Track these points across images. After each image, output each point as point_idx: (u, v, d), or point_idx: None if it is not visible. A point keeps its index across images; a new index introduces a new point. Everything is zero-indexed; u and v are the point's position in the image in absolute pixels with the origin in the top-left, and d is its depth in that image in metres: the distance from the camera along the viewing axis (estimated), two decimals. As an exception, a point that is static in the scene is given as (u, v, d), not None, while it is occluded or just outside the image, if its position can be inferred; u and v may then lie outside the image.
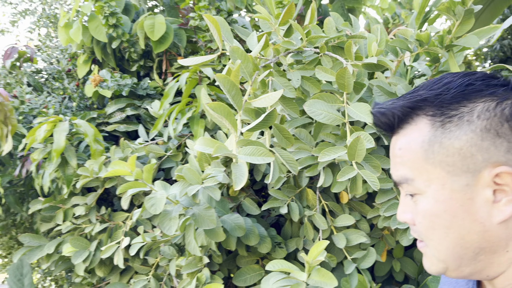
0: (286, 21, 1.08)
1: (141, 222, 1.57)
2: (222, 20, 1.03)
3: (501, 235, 0.50)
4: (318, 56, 1.09)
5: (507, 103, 0.50)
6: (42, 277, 2.67)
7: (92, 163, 1.43)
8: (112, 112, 1.96)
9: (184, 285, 1.29)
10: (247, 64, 0.97)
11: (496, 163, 0.49)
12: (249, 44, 1.12)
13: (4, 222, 2.19)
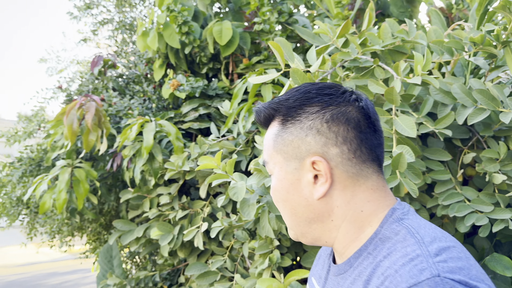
0: (343, 35, 1.19)
1: (216, 209, 1.77)
2: (283, 41, 1.17)
3: (322, 209, 0.66)
4: (372, 67, 1.19)
5: (329, 108, 0.65)
6: (127, 259, 2.99)
7: (176, 158, 1.64)
8: (187, 112, 2.18)
9: (257, 265, 1.46)
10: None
11: (314, 153, 0.64)
12: (309, 58, 1.24)
13: (95, 210, 2.50)
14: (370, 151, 0.67)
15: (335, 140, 0.65)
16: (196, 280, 1.68)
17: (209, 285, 1.70)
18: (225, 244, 1.74)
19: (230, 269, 1.65)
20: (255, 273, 1.41)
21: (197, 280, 1.68)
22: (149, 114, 2.18)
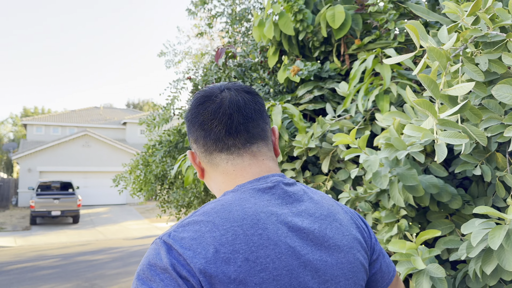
0: (473, 12, 1.23)
1: (337, 183, 1.93)
2: (418, 23, 1.25)
3: (208, 186, 0.96)
4: (504, 41, 1.21)
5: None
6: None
7: (301, 137, 1.82)
8: (302, 94, 2.35)
9: (384, 232, 1.59)
10: (441, 60, 1.18)
11: (192, 149, 0.93)
12: (440, 37, 1.30)
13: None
14: (215, 143, 0.85)
15: (194, 139, 0.88)
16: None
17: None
18: (348, 214, 1.89)
19: (354, 237, 1.80)
20: (383, 239, 1.54)
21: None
22: (268, 98, 2.39)
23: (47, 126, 27.20)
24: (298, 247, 0.79)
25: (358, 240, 0.89)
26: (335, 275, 0.82)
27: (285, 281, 0.74)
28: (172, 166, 2.99)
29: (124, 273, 8.92)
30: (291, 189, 0.87)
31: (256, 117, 0.91)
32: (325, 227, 0.85)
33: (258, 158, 0.89)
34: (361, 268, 0.87)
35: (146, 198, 3.53)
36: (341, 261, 0.84)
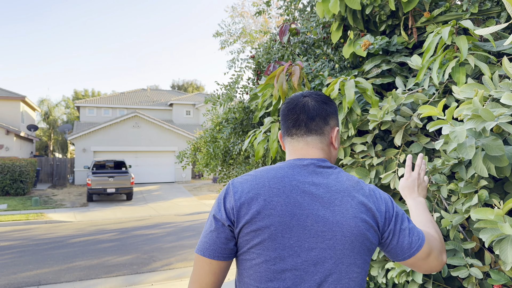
0: None
1: (410, 156, 1.95)
2: None
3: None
4: None
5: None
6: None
7: (375, 110, 1.86)
8: (370, 69, 2.36)
9: (462, 202, 1.61)
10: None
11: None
12: None
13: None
14: (286, 130, 1.31)
15: (281, 125, 1.36)
16: (396, 217, 1.91)
17: (407, 222, 1.92)
18: (420, 187, 1.92)
19: (428, 208, 1.83)
20: (462, 210, 1.57)
21: (396, 217, 1.91)
22: (334, 74, 2.42)
23: (98, 108, 28.49)
24: (305, 203, 1.14)
25: (363, 219, 1.16)
26: (333, 229, 1.14)
27: (287, 219, 1.12)
28: (235, 143, 3.11)
29: (179, 246, 9.38)
30: (320, 170, 1.22)
31: (318, 118, 1.29)
32: (335, 198, 1.17)
33: (309, 146, 1.28)
34: (363, 237, 1.15)
35: (209, 173, 3.70)
36: (341, 223, 1.14)
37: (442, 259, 1.28)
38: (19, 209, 14.88)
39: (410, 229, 1.24)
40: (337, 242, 1.13)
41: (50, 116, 35.79)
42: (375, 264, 2.26)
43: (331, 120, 1.32)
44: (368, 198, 1.20)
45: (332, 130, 1.32)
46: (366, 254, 1.18)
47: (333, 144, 1.32)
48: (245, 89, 2.85)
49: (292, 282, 1.11)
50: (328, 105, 1.33)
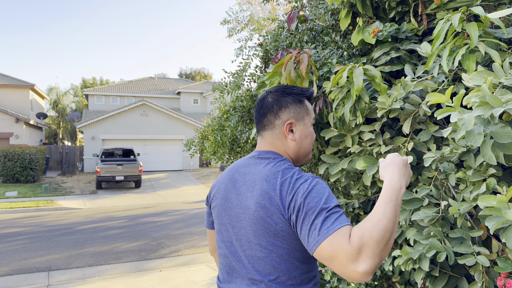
0: None
1: (418, 144, 1.95)
2: None
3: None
4: None
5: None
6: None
7: (383, 98, 1.85)
8: (378, 56, 2.34)
9: (470, 190, 1.61)
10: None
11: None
12: None
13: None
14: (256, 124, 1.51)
15: None
16: (402, 205, 1.92)
17: (414, 210, 1.92)
18: (428, 175, 1.92)
19: (436, 196, 1.84)
20: (470, 198, 1.56)
21: (403, 205, 1.92)
22: (343, 62, 2.40)
23: (106, 96, 28.62)
24: (232, 189, 1.40)
25: (264, 205, 1.28)
26: (244, 212, 1.34)
27: (223, 201, 1.42)
28: (243, 131, 3.12)
29: (187, 234, 9.49)
30: (258, 160, 1.41)
31: (269, 114, 1.44)
32: (251, 185, 1.34)
33: (263, 140, 1.46)
34: (264, 221, 1.28)
35: (216, 161, 3.71)
36: (248, 207, 1.32)
37: (353, 268, 1.05)
38: (29, 196, 15.11)
39: (313, 225, 1.15)
40: (246, 223, 1.33)
41: (59, 104, 36.04)
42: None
43: (284, 114, 1.43)
44: (275, 187, 1.27)
45: (286, 123, 1.42)
46: (271, 237, 1.28)
47: (287, 136, 1.43)
48: (253, 77, 2.85)
49: (227, 250, 1.41)
50: (283, 99, 1.44)
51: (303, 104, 1.48)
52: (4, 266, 6.95)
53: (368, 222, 1.12)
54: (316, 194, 1.20)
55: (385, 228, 1.10)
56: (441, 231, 1.75)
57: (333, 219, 1.14)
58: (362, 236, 1.08)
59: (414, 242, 1.94)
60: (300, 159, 1.52)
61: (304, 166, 3.08)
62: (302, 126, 1.46)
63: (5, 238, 9.01)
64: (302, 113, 1.46)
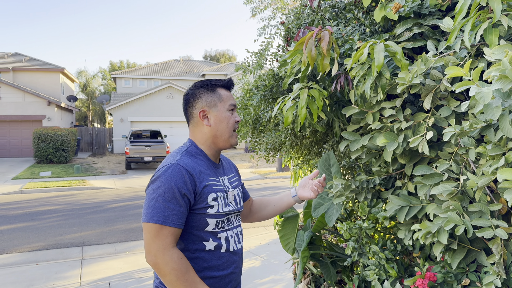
0: None
1: (439, 120, 1.95)
2: None
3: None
4: None
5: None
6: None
7: (404, 74, 1.86)
8: (401, 33, 2.33)
9: (489, 164, 1.62)
10: None
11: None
12: None
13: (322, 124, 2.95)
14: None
15: None
16: (423, 180, 1.94)
17: (434, 185, 1.95)
18: (449, 150, 1.93)
19: (456, 171, 1.85)
20: (489, 171, 1.58)
21: (423, 180, 1.94)
22: (365, 38, 2.40)
23: (134, 79, 29.12)
24: None
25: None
26: None
27: None
28: (265, 110, 3.17)
29: (212, 213, 9.71)
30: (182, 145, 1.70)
31: (187, 106, 1.69)
32: None
33: (190, 131, 1.70)
34: None
35: (240, 140, 3.79)
36: None
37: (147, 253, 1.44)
38: (62, 176, 15.74)
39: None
40: None
41: (88, 87, 36.94)
42: (402, 226, 2.31)
43: (198, 103, 1.65)
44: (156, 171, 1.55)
45: (198, 112, 1.64)
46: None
47: (202, 121, 1.64)
48: (275, 56, 2.88)
49: None
50: (196, 91, 1.65)
51: (215, 92, 1.65)
52: (41, 241, 7.36)
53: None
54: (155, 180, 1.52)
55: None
56: (460, 205, 1.77)
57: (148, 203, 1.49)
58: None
59: (433, 217, 1.97)
60: (219, 143, 1.66)
61: (327, 144, 3.12)
62: (216, 112, 1.63)
63: (41, 215, 9.50)
64: (214, 101, 1.64)
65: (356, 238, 2.72)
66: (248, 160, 21.36)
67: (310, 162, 3.67)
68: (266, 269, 5.51)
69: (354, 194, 2.49)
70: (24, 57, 27.18)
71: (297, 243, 3.17)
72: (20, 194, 12.46)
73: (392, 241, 2.70)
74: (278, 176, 16.44)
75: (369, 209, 2.52)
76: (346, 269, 3.32)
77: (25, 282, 5.24)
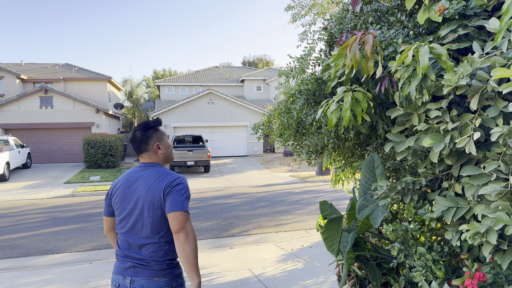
0: None
1: (486, 120, 1.95)
2: None
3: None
4: None
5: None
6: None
7: (450, 75, 1.88)
8: (445, 34, 2.34)
9: (540, 165, 1.61)
10: None
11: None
12: None
13: (366, 127, 2.99)
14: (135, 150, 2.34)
15: None
16: (470, 180, 1.95)
17: (482, 185, 1.94)
18: (497, 150, 1.92)
19: (504, 171, 1.85)
20: (539, 171, 1.58)
21: (470, 180, 1.95)
22: (409, 41, 2.43)
23: (176, 87, 29.99)
24: (127, 185, 2.26)
25: (158, 190, 2.16)
26: (138, 195, 2.21)
27: (119, 193, 2.27)
28: (308, 113, 3.25)
29: (254, 215, 9.86)
30: (142, 168, 2.27)
31: (142, 144, 2.30)
32: (142, 180, 2.23)
33: (143, 158, 2.32)
34: (153, 201, 2.17)
35: (282, 143, 3.89)
36: (142, 192, 2.19)
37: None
38: (110, 180, 16.47)
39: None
40: (140, 204, 2.21)
41: (133, 95, 38.42)
42: (449, 227, 2.31)
43: (152, 140, 2.31)
44: (158, 181, 2.20)
45: (154, 146, 2.31)
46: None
47: (157, 152, 2.31)
48: (317, 61, 2.95)
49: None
50: (147, 133, 2.31)
51: (159, 130, 2.35)
52: (94, 242, 7.77)
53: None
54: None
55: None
56: (509, 205, 1.77)
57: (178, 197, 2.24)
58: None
59: (482, 217, 1.97)
60: (168, 160, 2.40)
61: (370, 146, 3.14)
62: (164, 143, 2.35)
63: (92, 217, 10.02)
64: (160, 136, 2.34)
65: (402, 240, 2.72)
66: (287, 164, 21.38)
67: (353, 164, 3.70)
68: (309, 271, 5.55)
69: (400, 195, 2.51)
70: (73, 67, 28.73)
71: (342, 244, 3.21)
72: (72, 198, 13.18)
73: (439, 242, 2.68)
74: (318, 179, 16.35)
75: (415, 210, 2.52)
76: (391, 270, 3.31)
77: (81, 280, 5.58)
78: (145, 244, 2.16)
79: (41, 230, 8.75)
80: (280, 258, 6.33)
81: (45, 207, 11.56)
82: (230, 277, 5.44)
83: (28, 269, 6.24)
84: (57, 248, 7.39)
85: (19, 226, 9.23)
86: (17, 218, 10.03)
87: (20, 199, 12.78)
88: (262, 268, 5.84)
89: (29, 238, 8.11)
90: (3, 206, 11.79)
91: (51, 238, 8.11)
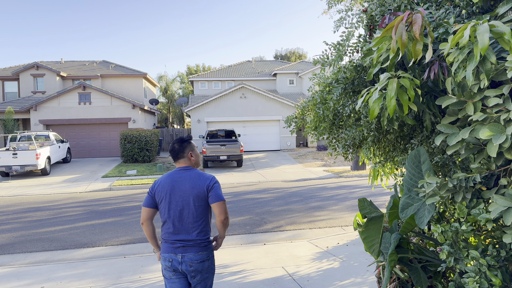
0: None
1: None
2: None
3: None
4: None
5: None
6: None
7: (514, 56, 1.63)
8: (504, 12, 2.06)
9: None
10: None
11: None
12: None
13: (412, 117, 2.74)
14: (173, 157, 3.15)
15: None
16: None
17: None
18: None
19: None
20: None
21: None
22: (461, 21, 2.17)
23: (209, 82, 30.15)
24: (174, 183, 2.99)
25: (202, 186, 2.95)
26: (184, 190, 2.96)
27: (165, 189, 2.98)
28: (345, 104, 3.03)
29: (287, 210, 9.67)
30: (183, 171, 3.04)
31: (180, 151, 3.07)
32: (187, 179, 2.98)
33: (180, 163, 3.09)
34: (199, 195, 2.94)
35: (317, 137, 3.68)
36: (188, 188, 2.96)
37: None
38: (146, 174, 16.75)
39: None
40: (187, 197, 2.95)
41: (168, 91, 39.03)
42: (508, 230, 2.05)
43: (187, 149, 3.07)
44: (200, 180, 2.97)
45: (188, 154, 3.08)
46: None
47: (190, 158, 3.09)
48: (356, 47, 2.72)
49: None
50: (183, 145, 3.08)
51: (191, 143, 3.11)
52: (128, 235, 7.86)
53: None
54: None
55: None
56: None
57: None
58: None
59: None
60: (198, 164, 3.13)
61: (415, 139, 2.89)
62: (195, 152, 3.12)
63: (128, 211, 10.17)
64: (192, 147, 3.11)
65: (451, 242, 2.47)
66: (321, 158, 20.99)
67: (395, 159, 3.44)
68: (346, 271, 5.32)
69: (450, 193, 2.26)
70: (110, 64, 29.44)
71: (383, 245, 2.98)
72: (109, 191, 13.48)
73: (495, 246, 2.41)
74: (353, 174, 15.92)
75: (468, 210, 2.27)
76: (437, 274, 3.05)
77: (115, 274, 5.61)
78: (192, 227, 2.92)
79: (78, 224, 8.96)
80: (314, 256, 6.13)
81: (83, 200, 11.87)
82: (263, 275, 5.30)
83: (65, 262, 6.36)
84: (92, 242, 7.52)
85: (57, 219, 9.50)
86: (56, 211, 10.34)
87: (59, 193, 13.20)
88: (296, 266, 5.66)
89: (66, 231, 8.32)
90: (44, 199, 12.21)
91: (87, 231, 8.28)
